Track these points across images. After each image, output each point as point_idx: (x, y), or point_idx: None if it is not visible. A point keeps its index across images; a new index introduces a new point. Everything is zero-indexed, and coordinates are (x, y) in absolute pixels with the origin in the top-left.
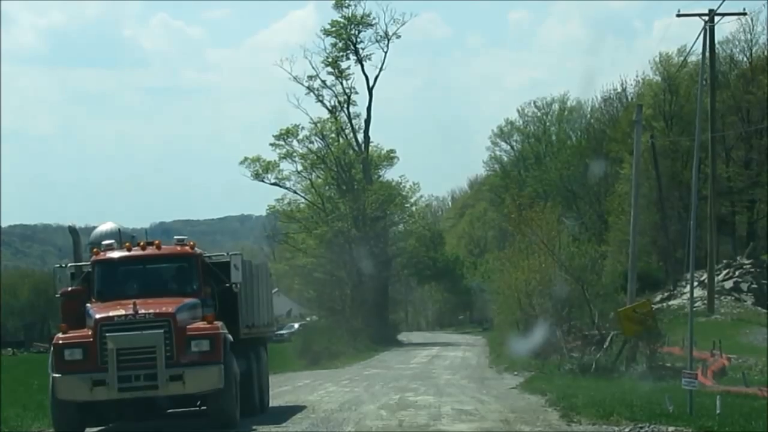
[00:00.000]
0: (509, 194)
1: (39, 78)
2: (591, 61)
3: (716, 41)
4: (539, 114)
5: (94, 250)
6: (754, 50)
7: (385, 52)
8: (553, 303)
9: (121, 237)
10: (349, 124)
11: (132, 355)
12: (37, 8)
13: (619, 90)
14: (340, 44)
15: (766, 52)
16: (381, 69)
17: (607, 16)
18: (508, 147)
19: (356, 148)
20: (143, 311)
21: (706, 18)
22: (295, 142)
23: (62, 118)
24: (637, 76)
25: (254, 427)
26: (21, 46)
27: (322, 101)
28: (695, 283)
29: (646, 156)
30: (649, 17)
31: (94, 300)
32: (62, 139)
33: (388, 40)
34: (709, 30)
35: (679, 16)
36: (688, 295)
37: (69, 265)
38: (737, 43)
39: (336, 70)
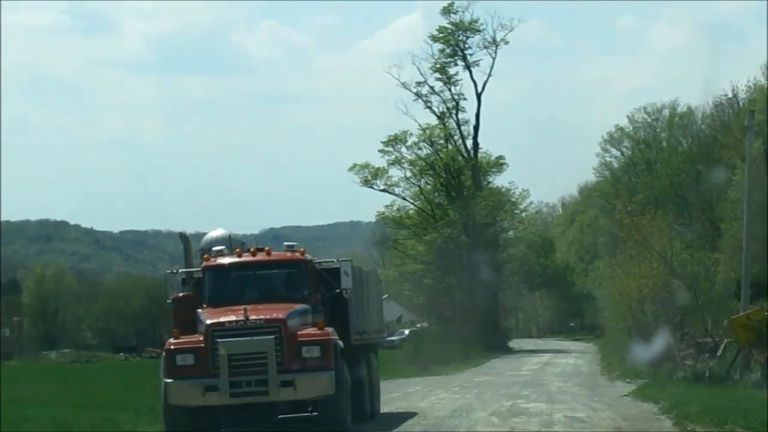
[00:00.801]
0: (620, 201)
1: (147, 85)
2: (701, 67)
3: None
4: (649, 120)
5: (205, 256)
6: None
7: (494, 58)
8: (665, 310)
9: (232, 243)
10: (457, 130)
11: (243, 360)
12: (145, 15)
13: (730, 95)
14: (448, 50)
15: None
16: (489, 75)
17: (717, 21)
18: (618, 153)
19: (465, 155)
20: (254, 317)
21: None
22: (403, 149)
23: (171, 125)
24: (748, 81)
25: None
26: (129, 54)
27: (430, 107)
28: None
29: (759, 162)
30: (761, 21)
31: (205, 306)
32: (171, 146)
33: (496, 46)
34: None
35: None
36: None
37: (180, 271)
38: None
39: (444, 76)
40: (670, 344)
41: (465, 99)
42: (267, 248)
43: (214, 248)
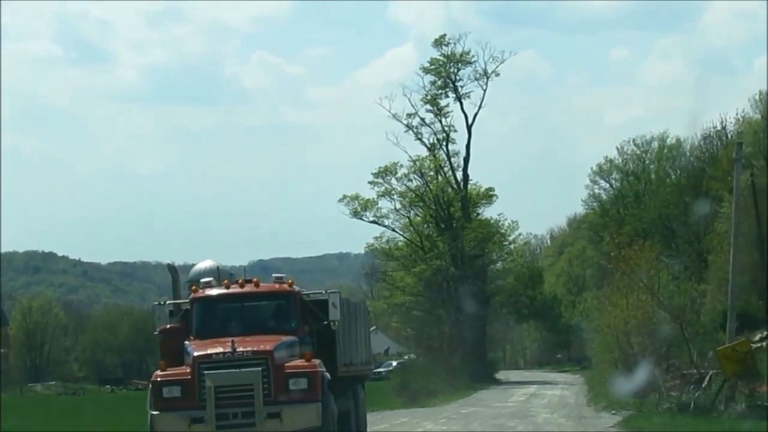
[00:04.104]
0: (608, 232)
1: (141, 116)
2: (691, 99)
3: None
4: (638, 152)
5: (193, 287)
6: None
7: (485, 90)
8: (652, 342)
9: (220, 274)
10: (447, 162)
11: (230, 392)
12: (137, 46)
13: (719, 128)
14: (440, 82)
15: None
16: (480, 107)
17: (708, 54)
18: (607, 185)
19: (455, 186)
20: (241, 349)
21: None
22: (393, 180)
23: (163, 156)
24: (737, 114)
25: None
26: (123, 85)
27: (420, 139)
28: None
29: (746, 194)
30: (750, 55)
31: (192, 337)
32: (163, 177)
33: (488, 78)
34: None
35: None
36: None
37: (168, 302)
38: None
39: (435, 108)
40: (655, 375)
41: (455, 131)
42: (255, 280)
43: (203, 280)
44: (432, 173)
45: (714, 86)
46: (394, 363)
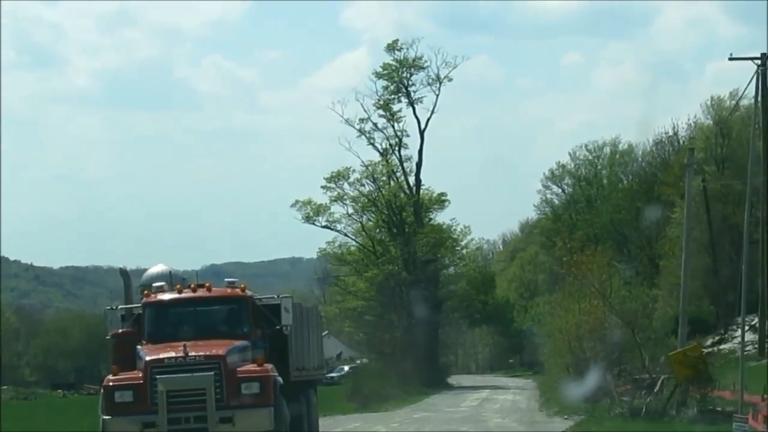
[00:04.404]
0: (560, 238)
1: (92, 120)
2: (644, 104)
3: None
4: (590, 157)
5: (145, 292)
6: None
7: (437, 95)
8: (603, 347)
9: (172, 279)
10: (400, 167)
11: (182, 397)
12: (90, 50)
13: (671, 133)
14: (392, 87)
15: None
16: (432, 112)
17: (660, 60)
18: (560, 190)
19: (407, 191)
20: (193, 353)
21: (759, 62)
22: (346, 185)
23: (116, 160)
24: (689, 120)
25: None
26: (76, 89)
27: (373, 144)
28: (746, 327)
29: (698, 200)
30: (702, 61)
31: (144, 342)
32: (115, 181)
33: (440, 83)
34: (762, 74)
35: (731, 59)
36: (740, 339)
37: (120, 307)
38: None
39: (388, 113)
40: (607, 380)
41: (408, 136)
42: (208, 284)
43: (155, 284)
44: (384, 178)
45: (666, 92)
46: (347, 368)
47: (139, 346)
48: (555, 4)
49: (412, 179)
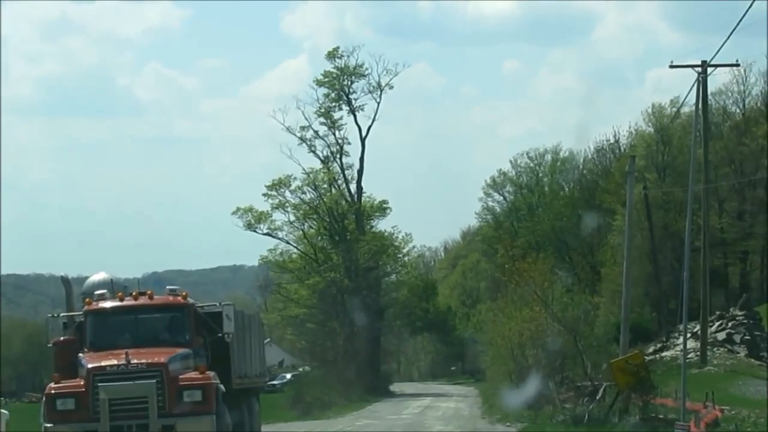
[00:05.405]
0: (502, 245)
1: (33, 127)
2: (584, 112)
3: (709, 92)
4: (532, 165)
5: (87, 300)
6: (747, 101)
7: (378, 103)
8: (545, 354)
9: (114, 287)
10: (341, 175)
11: (124, 405)
12: (31, 58)
13: (612, 141)
14: (333, 95)
15: (759, 104)
16: (374, 119)
17: (601, 67)
18: (501, 198)
19: (349, 199)
20: (135, 361)
21: (699, 69)
22: (287, 193)
23: (56, 167)
24: (630, 127)
25: None
26: (16, 96)
27: (314, 152)
28: (688, 335)
29: (639, 207)
30: (643, 68)
31: (86, 350)
32: (55, 188)
33: (381, 91)
34: (702, 81)
35: (672, 67)
36: (681, 346)
37: (61, 315)
38: (730, 94)
39: (329, 121)
40: (549, 387)
41: (349, 143)
42: (149, 292)
43: (96, 292)
44: (326, 186)
45: (607, 99)
46: (289, 375)
47: (80, 354)
48: (495, 11)
49: (353, 187)
